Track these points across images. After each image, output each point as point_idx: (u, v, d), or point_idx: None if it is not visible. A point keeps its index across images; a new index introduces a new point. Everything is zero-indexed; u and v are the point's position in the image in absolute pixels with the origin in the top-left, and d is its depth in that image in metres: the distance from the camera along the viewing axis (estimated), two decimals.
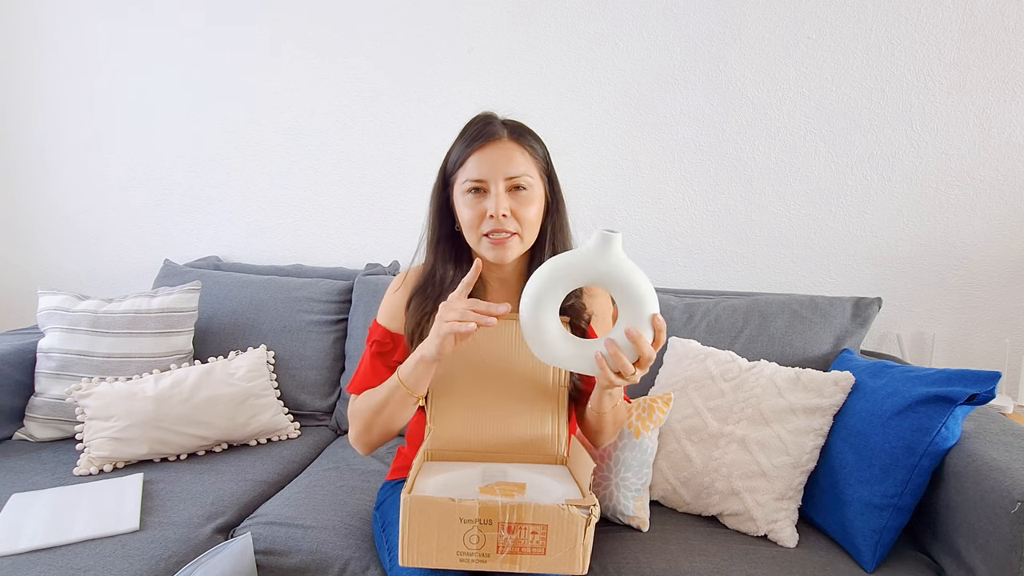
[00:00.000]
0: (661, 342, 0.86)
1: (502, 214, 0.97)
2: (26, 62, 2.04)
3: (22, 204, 2.14)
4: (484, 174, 0.98)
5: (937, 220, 1.65)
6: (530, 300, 0.86)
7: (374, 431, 1.02)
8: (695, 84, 1.71)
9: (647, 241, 1.80)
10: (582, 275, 0.84)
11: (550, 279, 0.85)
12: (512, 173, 0.98)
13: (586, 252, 0.84)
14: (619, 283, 0.84)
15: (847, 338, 1.47)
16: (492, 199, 0.97)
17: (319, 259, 1.98)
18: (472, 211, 0.99)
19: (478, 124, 1.02)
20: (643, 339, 0.83)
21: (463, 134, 1.03)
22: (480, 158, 0.98)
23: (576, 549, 0.80)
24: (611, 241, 0.83)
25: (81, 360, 1.56)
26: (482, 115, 1.04)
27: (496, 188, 0.97)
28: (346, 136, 1.91)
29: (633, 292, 0.84)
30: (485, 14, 1.77)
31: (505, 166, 0.98)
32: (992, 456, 1.01)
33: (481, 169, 0.98)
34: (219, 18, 1.91)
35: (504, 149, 0.99)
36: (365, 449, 1.05)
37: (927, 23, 1.57)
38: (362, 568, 1.11)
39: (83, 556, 1.08)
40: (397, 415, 0.99)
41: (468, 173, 0.99)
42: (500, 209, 0.97)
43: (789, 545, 1.14)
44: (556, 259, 0.86)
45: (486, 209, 0.98)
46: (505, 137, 1.00)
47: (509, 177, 0.98)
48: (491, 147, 0.99)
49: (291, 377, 1.69)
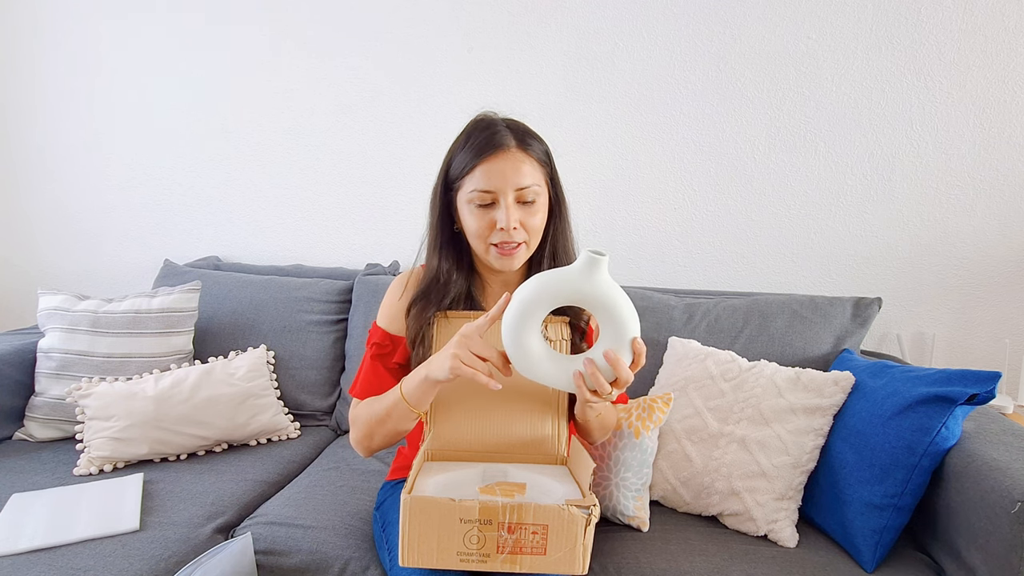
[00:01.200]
0: (640, 364, 0.86)
1: (513, 226, 0.97)
2: (26, 62, 2.04)
3: (22, 204, 2.14)
4: (494, 186, 0.97)
5: (937, 220, 1.65)
6: (513, 317, 0.86)
7: (376, 438, 1.02)
8: (695, 84, 1.71)
9: (647, 241, 1.80)
10: (566, 295, 0.84)
11: (534, 298, 0.85)
12: (521, 184, 0.98)
13: (572, 272, 0.84)
14: (603, 305, 0.84)
15: (847, 338, 1.47)
16: (502, 211, 0.97)
17: (319, 259, 1.98)
18: (480, 222, 0.99)
19: (484, 132, 1.00)
20: (621, 363, 0.84)
21: (467, 140, 1.01)
22: (489, 169, 0.97)
23: (576, 549, 0.80)
24: (598, 263, 0.83)
25: (81, 360, 1.56)
26: (486, 120, 1.02)
27: (506, 200, 0.97)
28: (346, 136, 1.91)
29: (616, 315, 0.84)
30: (485, 14, 1.77)
31: (515, 178, 0.97)
32: (992, 456, 1.02)
33: (491, 181, 0.97)
34: (219, 18, 1.91)
35: (512, 160, 0.98)
36: (366, 453, 1.05)
37: (927, 23, 1.57)
38: (362, 568, 1.11)
39: (83, 556, 1.08)
40: (399, 427, 0.99)
41: (476, 183, 0.98)
42: (511, 222, 0.97)
43: (789, 545, 1.14)
44: (541, 277, 0.85)
45: (495, 220, 0.98)
46: (513, 147, 0.98)
47: (519, 189, 0.98)
48: (500, 157, 0.98)
49: (291, 377, 1.69)
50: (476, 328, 0.88)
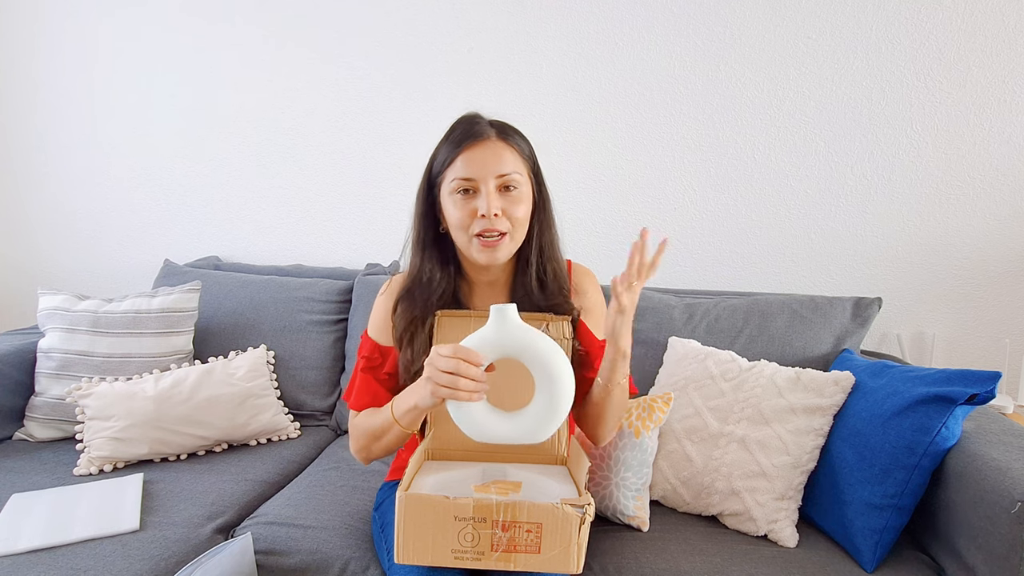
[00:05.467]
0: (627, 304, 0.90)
1: (494, 213, 0.97)
2: (26, 62, 2.04)
3: (22, 204, 2.14)
4: (474, 173, 0.97)
5: (937, 220, 1.65)
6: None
7: (373, 450, 1.04)
8: (695, 84, 1.71)
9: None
10: (488, 354, 0.85)
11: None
12: (502, 171, 0.98)
13: (487, 332, 0.85)
14: (523, 352, 0.84)
15: (847, 338, 1.47)
16: (483, 198, 0.97)
17: (319, 259, 1.98)
18: (462, 211, 0.99)
19: (464, 124, 1.01)
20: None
21: (449, 135, 1.02)
22: (469, 157, 0.98)
23: (570, 548, 0.80)
24: (504, 314, 0.84)
25: (81, 360, 1.56)
26: (467, 116, 1.04)
27: (487, 187, 0.97)
28: (346, 136, 1.91)
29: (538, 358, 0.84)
30: (485, 14, 1.77)
31: (495, 165, 0.98)
32: (992, 456, 1.01)
33: (471, 168, 0.98)
34: (219, 18, 1.91)
35: (493, 148, 0.99)
36: (365, 462, 1.08)
37: (927, 23, 1.57)
38: (362, 568, 1.11)
39: (83, 556, 1.08)
40: (393, 444, 1.01)
41: (457, 172, 0.98)
42: (492, 208, 0.96)
43: (789, 545, 1.14)
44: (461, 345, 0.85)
45: (476, 209, 0.98)
46: (493, 136, 1.00)
47: (499, 176, 0.98)
48: (480, 146, 0.98)
49: (291, 377, 1.69)
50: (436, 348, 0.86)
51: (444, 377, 0.83)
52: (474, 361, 0.83)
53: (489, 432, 0.86)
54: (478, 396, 0.84)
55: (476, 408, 0.86)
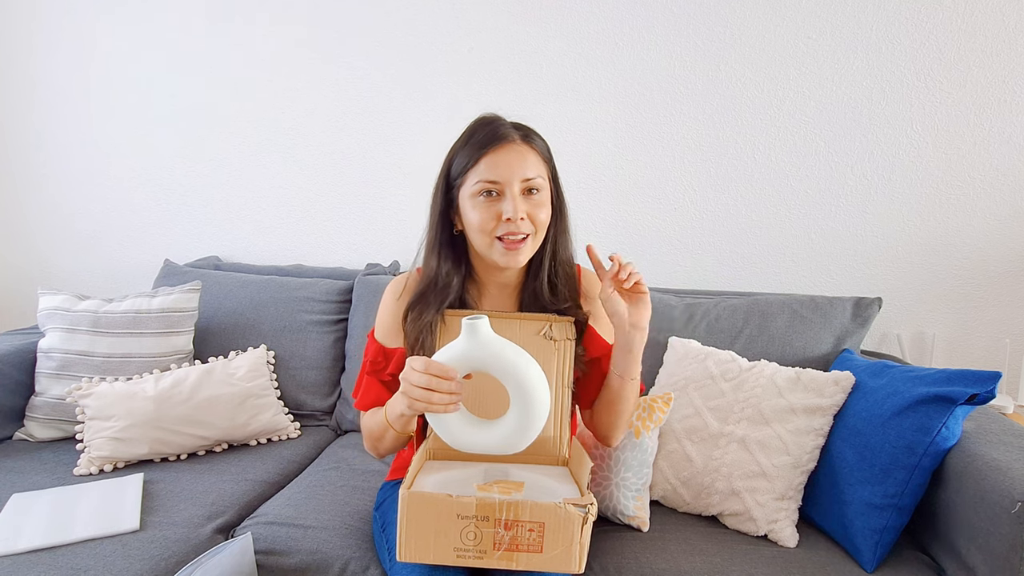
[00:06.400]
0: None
1: (520, 217, 0.97)
2: (25, 61, 2.04)
3: (21, 204, 2.14)
4: (500, 176, 0.97)
5: (937, 220, 1.65)
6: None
7: (381, 448, 1.06)
8: (695, 84, 1.71)
9: (647, 241, 1.80)
10: (460, 367, 0.85)
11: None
12: (527, 175, 0.98)
13: (458, 344, 0.85)
14: (494, 365, 0.84)
15: (847, 338, 1.47)
16: (509, 202, 0.97)
17: (319, 259, 1.98)
18: (485, 214, 0.98)
19: (487, 126, 1.01)
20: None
21: (470, 137, 1.01)
22: (494, 160, 0.98)
23: (573, 547, 0.80)
24: (476, 328, 0.84)
25: (81, 360, 1.56)
26: (488, 117, 1.03)
27: (512, 191, 0.97)
28: (346, 136, 1.91)
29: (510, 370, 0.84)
30: (485, 14, 1.77)
31: (520, 168, 0.98)
32: (992, 456, 1.01)
33: (497, 171, 0.97)
34: (220, 18, 1.91)
35: (518, 151, 0.99)
36: (378, 457, 1.11)
37: (927, 23, 1.57)
38: (362, 568, 1.11)
39: (83, 556, 1.08)
40: (395, 443, 1.03)
41: (481, 175, 0.98)
42: (519, 212, 0.97)
43: (789, 545, 1.14)
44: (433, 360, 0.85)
45: (501, 212, 0.97)
46: (517, 139, 1.00)
47: (525, 179, 0.98)
48: (504, 149, 0.98)
49: (291, 377, 1.69)
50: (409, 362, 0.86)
51: (417, 392, 0.84)
52: (446, 376, 0.83)
53: (466, 442, 0.87)
54: (453, 408, 0.84)
55: (452, 419, 0.87)
